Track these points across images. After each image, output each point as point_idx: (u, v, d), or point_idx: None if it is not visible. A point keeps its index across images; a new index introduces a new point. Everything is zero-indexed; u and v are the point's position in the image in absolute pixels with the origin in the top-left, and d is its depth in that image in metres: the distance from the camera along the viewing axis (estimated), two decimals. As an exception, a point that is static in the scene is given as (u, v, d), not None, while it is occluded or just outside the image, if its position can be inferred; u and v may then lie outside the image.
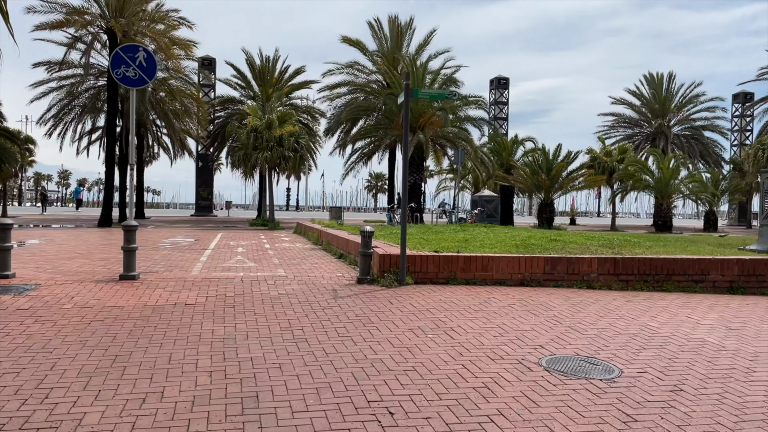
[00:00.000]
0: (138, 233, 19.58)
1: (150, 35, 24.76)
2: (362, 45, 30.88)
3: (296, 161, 26.20)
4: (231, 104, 34.34)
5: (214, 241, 16.13)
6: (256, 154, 25.32)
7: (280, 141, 25.76)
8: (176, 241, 15.90)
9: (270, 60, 33.72)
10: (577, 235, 13.35)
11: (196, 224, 29.44)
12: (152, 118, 32.46)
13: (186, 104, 29.60)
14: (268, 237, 18.68)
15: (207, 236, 18.49)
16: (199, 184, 40.12)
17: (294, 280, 8.69)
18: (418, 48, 29.58)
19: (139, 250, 12.62)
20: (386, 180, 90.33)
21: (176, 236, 18.32)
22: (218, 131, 34.59)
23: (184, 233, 20.10)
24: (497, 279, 8.74)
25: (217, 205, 71.86)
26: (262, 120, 25.93)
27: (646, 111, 39.73)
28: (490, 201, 27.59)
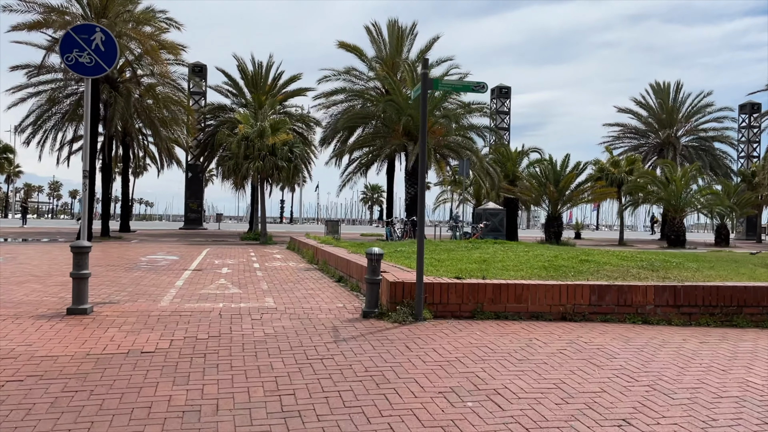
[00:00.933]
0: (115, 250, 17.91)
1: (136, 37, 23.25)
2: (360, 51, 29.50)
3: (290, 172, 24.67)
4: (222, 112, 32.83)
5: (198, 259, 14.51)
6: (247, 164, 23.77)
7: (273, 150, 24.23)
8: (155, 260, 14.26)
9: (263, 66, 32.28)
10: (607, 255, 11.81)
11: (183, 238, 27.78)
12: (138, 126, 30.84)
13: (174, 111, 28.02)
14: (259, 254, 17.07)
15: (191, 253, 16.87)
16: (189, 196, 38.51)
17: (285, 314, 7.09)
18: (420, 54, 28.21)
19: (109, 271, 11.00)
20: (382, 192, 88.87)
21: (157, 253, 16.69)
22: (208, 140, 33.02)
23: (167, 249, 18.47)
24: (533, 312, 7.17)
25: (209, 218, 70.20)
26: (254, 128, 24.39)
27: (653, 121, 38.47)
28: (495, 214, 26.06)
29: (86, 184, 8.13)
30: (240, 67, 31.95)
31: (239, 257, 15.58)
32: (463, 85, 6.55)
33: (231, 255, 16.36)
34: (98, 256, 14.74)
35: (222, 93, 32.94)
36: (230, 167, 24.53)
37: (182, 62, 28.75)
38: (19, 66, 24.94)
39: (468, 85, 6.58)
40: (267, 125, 24.51)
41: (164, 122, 29.20)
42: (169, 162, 33.35)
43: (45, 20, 21.33)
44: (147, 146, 33.30)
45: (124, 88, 26.89)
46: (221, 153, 30.45)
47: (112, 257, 14.75)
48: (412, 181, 26.05)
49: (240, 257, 15.58)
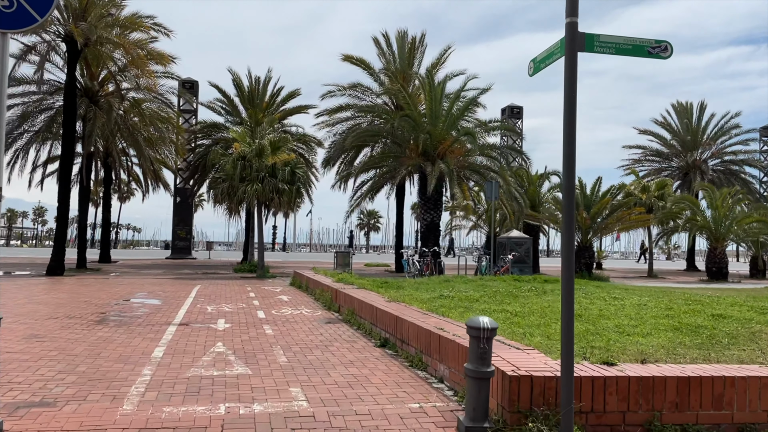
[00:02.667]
0: (86, 288, 14.90)
1: (120, 44, 20.51)
2: (366, 63, 26.96)
3: (292, 195, 21.87)
4: (215, 131, 30.04)
5: (186, 305, 11.54)
6: (244, 187, 20.94)
7: (272, 171, 21.45)
8: (131, 305, 11.28)
9: (260, 81, 29.67)
10: (732, 305, 9.02)
11: (169, 270, 24.73)
12: (122, 146, 27.98)
13: (162, 130, 25.22)
14: (260, 294, 14.11)
15: (178, 293, 13.89)
16: (177, 222, 35.52)
17: (332, 431, 4.19)
18: (431, 67, 25.68)
19: (64, 328, 8.03)
20: (379, 217, 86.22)
21: (136, 293, 13.70)
22: (199, 162, 30.14)
23: (149, 287, 15.47)
24: (740, 425, 4.33)
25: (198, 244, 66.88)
26: (252, 146, 21.61)
27: (676, 143, 36.11)
28: (521, 243, 23.25)
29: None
30: (235, 82, 29.29)
31: (237, 300, 12.62)
32: (633, 45, 3.77)
33: (226, 296, 13.40)
34: (61, 299, 11.75)
35: (215, 110, 30.24)
36: (224, 190, 21.67)
37: (172, 75, 26.03)
38: (-14, 76, 22.03)
39: (643, 45, 3.92)
40: (266, 143, 21.76)
41: (150, 142, 26.37)
42: (155, 186, 30.45)
43: (13, 22, 18.52)
44: (131, 168, 30.37)
45: (105, 103, 24.09)
46: (214, 174, 27.56)
47: (78, 300, 11.75)
48: (428, 205, 23.27)
49: (238, 300, 12.62)
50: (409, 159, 22.81)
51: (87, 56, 22.76)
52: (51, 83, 22.98)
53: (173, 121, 25.33)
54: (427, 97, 23.24)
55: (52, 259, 20.04)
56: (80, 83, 23.65)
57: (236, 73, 29.51)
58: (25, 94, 23.04)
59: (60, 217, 20.81)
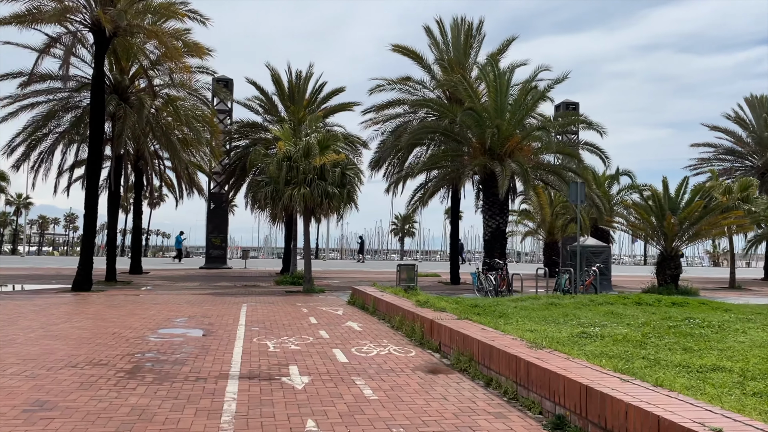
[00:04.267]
0: (115, 310, 12.60)
1: (154, 33, 18.41)
2: (417, 54, 24.50)
3: (343, 199, 19.49)
4: (252, 131, 27.89)
5: (238, 336, 9.17)
6: (290, 191, 18.61)
7: (321, 173, 19.09)
8: (170, 340, 8.95)
9: (301, 77, 27.41)
10: None
11: (205, 283, 22.58)
12: (153, 149, 25.97)
13: (197, 130, 23.08)
14: (321, 318, 11.69)
15: (223, 316, 11.56)
16: (211, 230, 33.44)
17: None
18: (491, 57, 23.08)
19: (84, 387, 5.57)
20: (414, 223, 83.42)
21: (174, 316, 11.40)
22: (236, 164, 28.06)
23: (188, 307, 13.19)
24: None
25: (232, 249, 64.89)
26: (298, 145, 19.30)
27: (751, 141, 32.85)
28: (598, 252, 20.46)
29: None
30: (274, 78, 27.09)
31: (298, 329, 10.22)
32: None
33: (283, 323, 11.02)
34: (84, 331, 9.49)
35: (252, 109, 28.09)
36: (268, 195, 19.37)
37: (207, 70, 23.93)
38: (9, 74, 20.16)
39: None
40: (314, 142, 19.42)
41: (185, 143, 24.28)
42: (189, 191, 28.38)
43: (30, 11, 16.49)
44: (164, 172, 28.38)
45: (137, 100, 22.04)
46: (254, 177, 25.41)
47: (105, 331, 9.48)
48: (494, 210, 20.67)
49: (300, 329, 10.22)
50: (472, 158, 20.26)
51: (116, 48, 20.75)
52: (77, 79, 21.01)
53: (210, 121, 23.16)
54: (491, 89, 20.67)
55: (78, 272, 17.96)
56: (109, 78, 21.65)
57: (275, 69, 27.34)
58: (50, 91, 21.10)
59: (87, 227, 18.73)
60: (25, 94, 20.53)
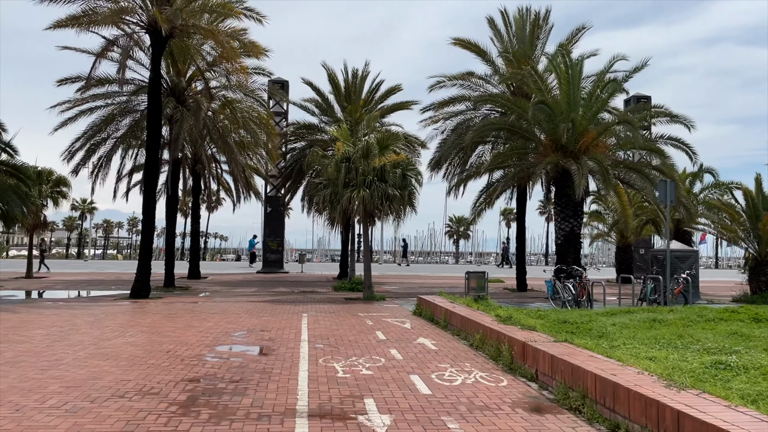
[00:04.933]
0: (172, 320, 11.91)
1: (210, 32, 17.87)
2: (479, 48, 23.18)
3: (404, 202, 18.45)
4: (309, 132, 27.22)
5: (302, 357, 8.23)
6: (349, 193, 17.70)
7: (381, 174, 18.10)
8: (228, 361, 8.09)
9: (358, 75, 26.57)
10: None
11: (263, 288, 21.99)
12: (211, 152, 25.64)
13: (254, 132, 22.53)
14: (389, 333, 10.65)
15: (284, 330, 10.67)
16: (268, 234, 33.04)
17: None
18: (562, 47, 21.51)
19: (130, 428, 4.71)
20: (468, 225, 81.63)
21: (232, 330, 10.60)
22: (292, 166, 27.46)
23: (246, 318, 12.40)
24: None
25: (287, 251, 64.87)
26: (357, 145, 18.39)
27: None
28: (684, 257, 18.60)
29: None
30: (330, 78, 26.36)
31: (367, 347, 9.21)
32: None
33: (349, 338, 10.04)
34: (137, 347, 8.76)
35: (307, 110, 27.42)
36: (326, 197, 18.52)
37: (263, 71, 23.36)
38: (68, 79, 20.09)
39: None
40: (373, 141, 18.46)
41: (242, 146, 23.82)
42: (246, 194, 27.97)
43: (86, 12, 16.16)
44: (221, 175, 28.08)
45: (194, 103, 21.68)
46: (311, 179, 24.67)
47: (159, 348, 8.74)
48: (567, 212, 19.18)
49: (368, 347, 9.21)
50: (542, 156, 18.82)
51: (173, 50, 20.40)
52: (135, 82, 20.77)
53: (267, 123, 22.56)
54: (563, 81, 19.18)
55: (137, 278, 17.59)
56: (166, 81, 21.35)
57: (331, 69, 26.62)
58: (108, 95, 20.95)
59: (145, 232, 18.38)
60: (84, 98, 20.43)
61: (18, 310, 13.70)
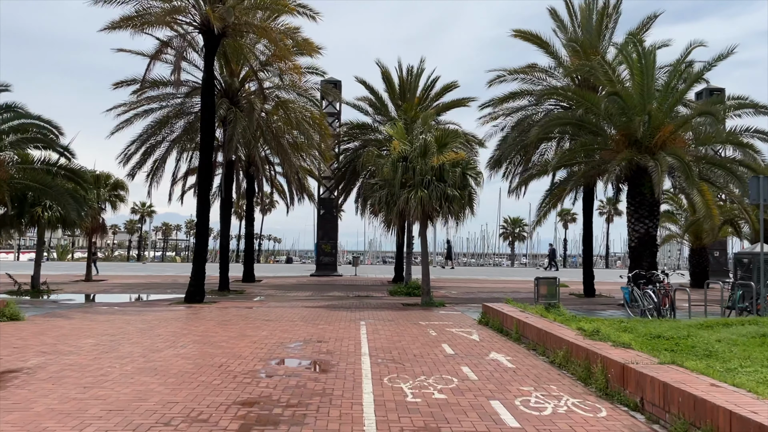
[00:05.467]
0: (225, 328, 11.19)
1: (263, 29, 17.40)
2: (541, 40, 21.94)
3: (464, 203, 17.49)
4: (362, 132, 26.57)
5: (365, 375, 7.42)
6: (406, 194, 16.86)
7: (440, 174, 17.18)
8: (284, 379, 7.37)
9: (412, 73, 25.76)
10: None
11: (317, 292, 21.43)
12: (264, 154, 25.31)
13: (308, 132, 22.01)
14: (456, 345, 9.71)
15: (342, 340, 9.91)
16: (321, 236, 32.58)
17: None
18: (633, 35, 20.04)
19: None
20: (524, 225, 79.36)
21: (287, 341, 9.91)
22: (345, 167, 26.88)
23: (302, 326, 11.72)
24: None
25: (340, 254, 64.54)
26: (415, 144, 17.54)
27: None
28: (775, 261, 16.84)
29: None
30: (384, 75, 25.65)
31: (434, 363, 8.34)
32: None
33: (413, 352, 9.18)
34: (188, 360, 8.17)
35: (361, 110, 26.81)
36: (382, 198, 17.74)
37: (317, 70, 22.82)
38: (123, 81, 20.10)
39: None
40: (431, 139, 17.57)
41: (296, 147, 23.35)
42: (300, 196, 27.55)
43: (139, 13, 15.90)
44: (274, 177, 27.76)
45: (247, 103, 21.32)
46: (366, 180, 24.02)
47: (211, 361, 8.12)
48: (641, 213, 17.76)
49: (436, 363, 8.33)
50: (614, 152, 17.46)
51: (226, 50, 20.08)
52: (189, 84, 20.57)
53: (320, 122, 22.00)
54: (635, 71, 17.77)
55: (191, 283, 17.27)
56: (219, 82, 21.08)
57: (384, 66, 25.91)
58: (162, 97, 20.84)
59: (199, 236, 18.07)
60: (139, 101, 20.38)
61: (73, 315, 13.48)
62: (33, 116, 17.21)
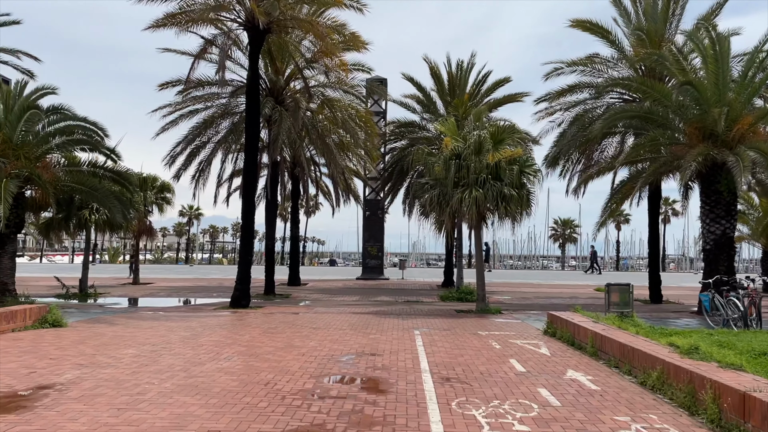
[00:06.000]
0: (271, 337, 9.89)
1: (308, 23, 16.74)
2: (602, 29, 20.58)
3: (522, 203, 16.38)
4: (409, 130, 25.70)
5: (428, 400, 6.50)
6: (460, 194, 15.89)
7: (496, 172, 16.14)
8: (339, 404, 6.52)
9: (462, 68, 24.72)
10: None
11: (365, 297, 20.68)
12: (309, 155, 24.71)
13: (354, 131, 21.27)
14: (525, 361, 8.69)
15: (398, 353, 9.03)
16: (367, 238, 31.84)
17: None
18: (704, 19, 18.55)
19: None
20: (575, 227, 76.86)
21: (338, 353, 9.09)
22: (392, 167, 26.05)
23: (353, 336, 10.89)
24: None
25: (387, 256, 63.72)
26: (469, 140, 16.55)
27: None
28: None
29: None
30: (433, 71, 24.71)
31: (503, 381, 7.37)
32: None
33: (480, 369, 8.23)
34: (231, 376, 7.44)
35: (408, 108, 25.90)
36: (434, 199, 16.79)
37: (363, 67, 22.03)
38: (169, 82, 19.79)
39: None
40: (486, 135, 16.54)
41: (342, 146, 22.65)
42: (346, 198, 26.85)
43: (183, 9, 15.43)
44: (320, 179, 27.16)
45: (292, 102, 20.74)
46: (411, 181, 23.18)
47: (256, 378, 7.38)
48: (717, 212, 16.29)
49: (507, 382, 7.36)
50: (687, 147, 16.03)
51: (271, 48, 19.54)
52: (233, 84, 20.12)
53: (368, 120, 21.23)
54: (708, 59, 16.30)
55: (236, 288, 16.72)
56: (264, 81, 20.54)
57: (433, 62, 24.96)
58: (207, 97, 20.45)
59: (244, 239, 17.51)
60: (184, 102, 20.02)
61: (116, 321, 13.05)
62: (79, 118, 16.97)
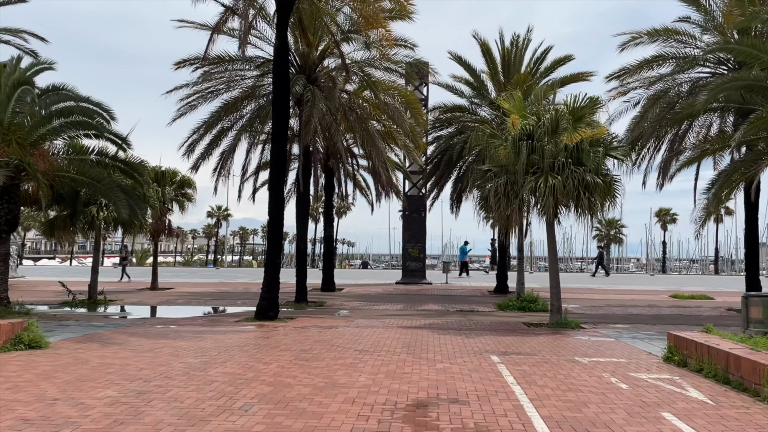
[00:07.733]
0: (303, 368, 7.27)
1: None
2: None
3: (606, 192, 13.41)
4: (457, 116, 22.79)
5: None
6: (533, 182, 12.96)
7: (577, 156, 13.17)
8: None
9: (517, 44, 21.73)
10: None
11: (409, 304, 17.95)
12: (346, 144, 22.00)
13: (400, 113, 18.48)
14: (693, 419, 5.75)
15: (485, 397, 6.19)
16: (407, 239, 28.95)
17: None
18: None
19: None
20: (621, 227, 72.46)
21: (398, 396, 6.29)
22: (438, 158, 23.19)
23: (411, 362, 8.06)
24: None
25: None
26: (543, 117, 13.60)
27: None
28: None
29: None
30: (484, 49, 21.78)
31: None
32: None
33: (621, 427, 5.31)
34: (250, 429, 4.70)
35: (455, 91, 22.97)
36: (499, 188, 13.84)
37: (406, 43, 19.18)
38: (186, 60, 17.29)
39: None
40: (565, 110, 13.58)
41: (387, 135, 19.88)
42: (387, 193, 24.01)
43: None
44: (356, 172, 24.44)
45: (327, 81, 18.06)
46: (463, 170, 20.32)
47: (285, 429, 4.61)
48: None
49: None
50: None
51: (302, 16, 16.86)
52: (258, 60, 17.54)
53: (413, 101, 18.42)
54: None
55: (262, 296, 14.09)
56: (293, 56, 17.89)
57: (484, 39, 22.01)
58: (230, 80, 17.87)
59: (271, 239, 14.82)
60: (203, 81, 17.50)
61: (113, 339, 10.49)
62: (81, 98, 14.60)
